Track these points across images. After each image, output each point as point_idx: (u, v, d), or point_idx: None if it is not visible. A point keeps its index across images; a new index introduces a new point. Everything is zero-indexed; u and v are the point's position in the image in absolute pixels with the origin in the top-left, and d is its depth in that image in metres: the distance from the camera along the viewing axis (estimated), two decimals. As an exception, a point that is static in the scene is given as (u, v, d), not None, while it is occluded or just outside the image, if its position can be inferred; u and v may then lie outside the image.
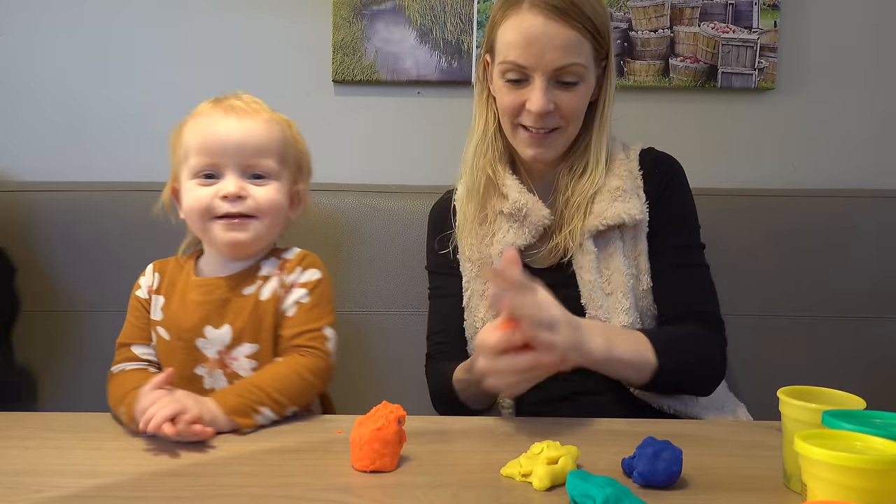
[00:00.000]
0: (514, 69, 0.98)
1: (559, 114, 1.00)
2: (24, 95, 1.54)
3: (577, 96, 1.00)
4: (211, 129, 0.94)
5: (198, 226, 0.96)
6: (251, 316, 0.95)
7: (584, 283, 1.02)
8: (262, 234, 0.97)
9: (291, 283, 0.98)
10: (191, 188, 0.95)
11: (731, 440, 0.83)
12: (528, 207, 1.05)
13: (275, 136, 0.98)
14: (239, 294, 0.96)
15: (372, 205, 1.40)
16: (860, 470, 0.56)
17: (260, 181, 0.95)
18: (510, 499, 0.66)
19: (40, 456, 0.77)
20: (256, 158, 0.95)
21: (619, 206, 1.02)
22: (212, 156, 0.93)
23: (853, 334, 1.35)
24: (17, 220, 1.38)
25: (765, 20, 1.49)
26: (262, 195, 0.95)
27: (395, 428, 0.73)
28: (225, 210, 0.93)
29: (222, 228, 0.94)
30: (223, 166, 0.93)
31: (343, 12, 1.50)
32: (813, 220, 1.39)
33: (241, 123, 0.95)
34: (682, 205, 1.08)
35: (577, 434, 0.85)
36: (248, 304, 0.96)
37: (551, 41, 0.95)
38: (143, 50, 1.53)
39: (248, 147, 0.94)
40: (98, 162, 1.54)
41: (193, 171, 0.95)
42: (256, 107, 0.99)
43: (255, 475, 0.71)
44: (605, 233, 1.03)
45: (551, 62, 0.96)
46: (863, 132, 1.54)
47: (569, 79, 0.98)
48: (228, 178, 0.93)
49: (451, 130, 1.54)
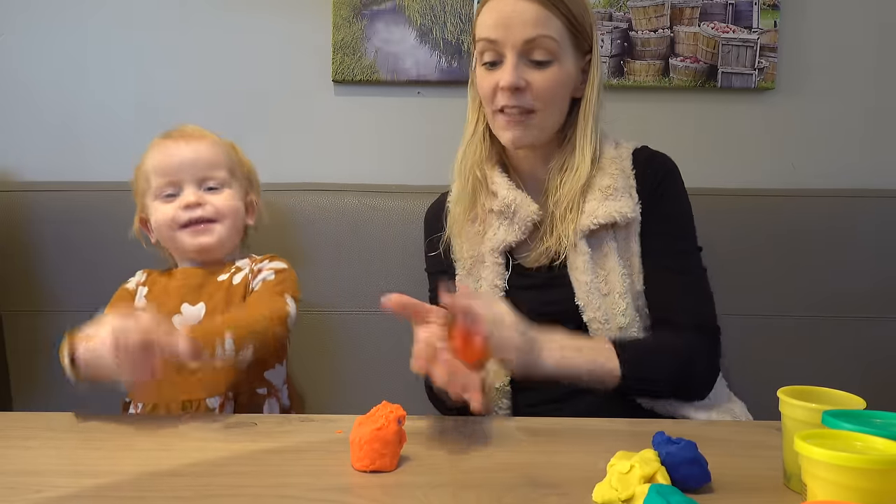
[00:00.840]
0: (487, 48, 1.02)
1: (531, 94, 1.01)
2: (21, 95, 1.54)
3: (549, 76, 1.01)
4: (166, 154, 1.07)
5: (167, 238, 1.08)
6: (224, 295, 1.06)
7: (579, 285, 1.01)
8: (225, 236, 1.08)
9: (259, 269, 1.09)
10: (157, 207, 1.07)
11: (732, 440, 0.83)
12: (517, 203, 1.05)
13: (222, 153, 1.10)
14: (213, 280, 1.08)
15: (372, 205, 1.40)
16: (860, 470, 0.56)
17: (215, 191, 1.08)
18: (511, 499, 0.66)
19: (40, 456, 0.77)
20: (209, 171, 1.07)
21: (611, 205, 1.02)
22: (170, 175, 1.06)
23: (853, 334, 1.35)
24: (14, 219, 1.38)
25: (765, 20, 1.50)
26: (219, 201, 1.07)
27: (395, 428, 0.73)
28: (188, 217, 1.05)
29: (189, 235, 1.06)
30: (181, 182, 1.06)
31: (343, 12, 1.50)
32: (813, 220, 1.39)
33: (190, 145, 1.08)
34: (676, 205, 1.06)
35: (578, 433, 0.85)
36: (221, 287, 1.07)
37: (521, 14, 0.99)
38: (142, 50, 1.54)
39: (199, 162, 1.07)
40: (95, 162, 1.54)
41: (156, 193, 1.07)
42: (202, 132, 1.12)
43: (254, 475, 0.71)
44: (598, 232, 1.03)
45: (520, 34, 0.99)
46: (863, 132, 1.54)
47: (539, 56, 1.00)
48: (187, 191, 1.06)
49: (451, 130, 1.53)
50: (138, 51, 1.53)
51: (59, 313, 1.36)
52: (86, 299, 1.35)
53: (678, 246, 1.05)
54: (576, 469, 0.72)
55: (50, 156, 1.54)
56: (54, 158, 1.54)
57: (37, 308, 1.37)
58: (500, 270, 1.07)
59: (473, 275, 1.09)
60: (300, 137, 1.56)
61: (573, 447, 0.81)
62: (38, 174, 1.52)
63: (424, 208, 1.27)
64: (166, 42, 1.53)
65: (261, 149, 1.55)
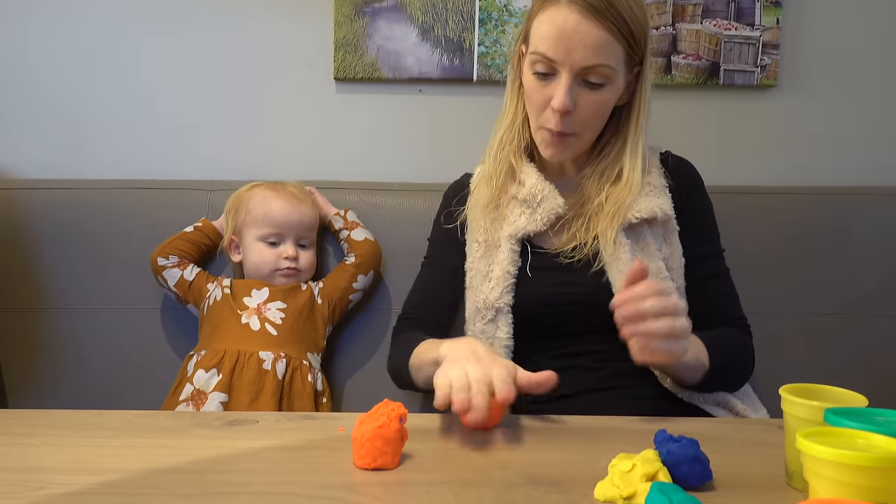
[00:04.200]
0: (542, 61, 0.99)
1: (578, 116, 1.00)
2: (20, 93, 1.54)
3: (599, 98, 1.00)
4: (278, 208, 1.29)
5: (259, 269, 1.30)
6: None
7: (623, 277, 0.96)
8: (304, 281, 1.33)
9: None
10: (260, 248, 1.30)
11: (733, 438, 0.83)
12: (545, 195, 1.06)
13: (315, 218, 1.34)
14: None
15: (374, 202, 1.41)
16: (862, 468, 0.56)
17: (305, 248, 1.33)
18: (512, 496, 0.66)
19: (43, 453, 0.77)
20: (305, 232, 1.32)
21: (653, 201, 1.04)
22: (277, 228, 1.29)
23: (855, 332, 1.35)
24: (12, 217, 1.38)
25: (767, 17, 1.49)
26: (307, 258, 1.32)
27: (396, 426, 0.73)
28: (286, 266, 1.29)
29: (281, 276, 1.30)
30: (284, 236, 1.30)
31: (345, 10, 1.50)
32: (815, 217, 1.39)
33: (296, 209, 1.31)
34: (709, 212, 1.12)
35: (580, 431, 0.85)
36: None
37: (583, 39, 0.95)
38: (142, 47, 1.53)
39: (303, 226, 1.31)
40: (93, 160, 1.55)
41: (260, 236, 1.30)
42: (304, 195, 1.34)
43: (256, 472, 0.71)
44: (636, 227, 1.04)
45: (580, 60, 0.96)
46: (865, 129, 1.54)
47: (595, 79, 0.98)
48: (288, 244, 1.30)
49: (453, 128, 1.54)
50: (139, 48, 1.53)
51: (54, 311, 1.36)
52: (82, 297, 1.37)
53: (714, 252, 1.10)
54: (578, 467, 0.72)
55: (48, 154, 1.55)
56: (55, 156, 1.55)
57: (32, 306, 1.36)
58: (514, 258, 1.07)
59: (487, 258, 1.09)
60: (302, 135, 1.56)
61: (575, 445, 0.81)
62: (39, 172, 1.52)
63: (427, 206, 1.27)
64: (167, 39, 1.53)
65: (262, 146, 1.56)
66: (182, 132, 1.56)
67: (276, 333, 1.23)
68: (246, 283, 1.30)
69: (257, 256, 1.30)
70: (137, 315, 1.36)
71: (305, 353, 1.26)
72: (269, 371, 1.19)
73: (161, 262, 1.30)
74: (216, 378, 1.18)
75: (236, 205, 1.33)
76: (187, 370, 1.21)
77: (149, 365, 1.34)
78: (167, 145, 1.56)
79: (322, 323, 1.30)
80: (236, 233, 1.32)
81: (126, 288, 1.36)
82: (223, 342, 1.22)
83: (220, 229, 1.36)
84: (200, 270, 1.33)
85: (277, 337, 1.23)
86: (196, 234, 1.34)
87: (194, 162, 1.55)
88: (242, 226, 1.31)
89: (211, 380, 1.17)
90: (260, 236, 1.29)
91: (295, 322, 1.26)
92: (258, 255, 1.30)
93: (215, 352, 1.20)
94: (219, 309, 1.26)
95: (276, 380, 1.18)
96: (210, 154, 1.56)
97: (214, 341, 1.23)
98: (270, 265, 1.29)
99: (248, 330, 1.23)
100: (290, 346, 1.24)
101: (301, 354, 1.25)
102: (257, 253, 1.30)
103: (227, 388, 1.17)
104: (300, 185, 1.36)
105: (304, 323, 1.27)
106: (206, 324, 1.27)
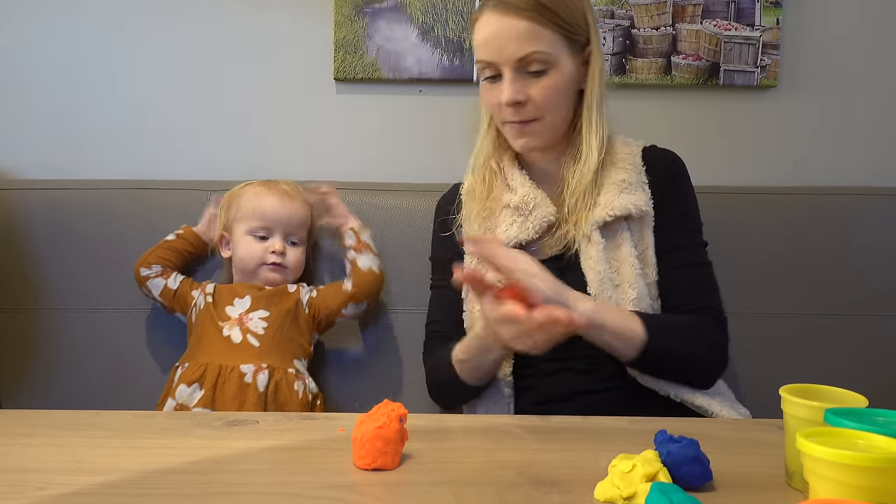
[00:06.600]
0: (485, 66, 1.04)
1: (532, 105, 1.03)
2: (17, 93, 1.53)
3: (547, 83, 1.02)
4: (268, 204, 1.29)
5: (246, 264, 1.29)
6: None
7: (592, 275, 1.02)
8: (290, 279, 1.32)
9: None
10: (248, 241, 1.29)
11: (733, 438, 0.83)
12: (537, 202, 1.07)
13: (306, 216, 1.34)
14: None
15: (374, 203, 1.40)
16: (862, 468, 0.56)
17: (295, 246, 1.32)
18: (512, 497, 0.66)
19: (43, 453, 0.77)
20: (295, 229, 1.31)
21: (626, 198, 1.04)
22: (266, 222, 1.29)
23: (855, 332, 1.35)
24: (8, 217, 1.37)
25: (767, 17, 1.49)
26: (295, 256, 1.31)
27: (396, 426, 0.73)
28: (273, 260, 1.28)
29: (267, 271, 1.29)
30: (273, 230, 1.29)
31: (345, 10, 1.50)
32: (815, 218, 1.39)
33: (286, 205, 1.30)
34: (687, 201, 1.11)
35: (580, 431, 0.85)
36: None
37: (507, 34, 1.00)
38: (140, 47, 1.53)
39: (292, 221, 1.30)
40: (90, 160, 1.54)
41: (249, 230, 1.29)
42: (297, 192, 1.33)
43: (256, 473, 0.71)
44: (612, 224, 1.05)
45: (511, 53, 1.00)
46: (865, 129, 1.54)
47: (535, 67, 1.01)
48: (276, 238, 1.29)
49: (453, 128, 1.54)
50: (137, 48, 1.53)
51: (50, 311, 1.36)
52: (78, 298, 1.36)
53: (690, 240, 1.09)
54: (578, 467, 0.72)
55: (43, 154, 1.54)
56: (48, 157, 1.54)
57: (28, 307, 1.36)
58: None
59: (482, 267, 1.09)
60: (301, 135, 1.56)
61: (575, 445, 0.81)
62: (32, 172, 1.51)
63: (427, 206, 1.27)
64: (166, 39, 1.53)
65: (262, 147, 1.56)
66: (181, 133, 1.55)
67: (258, 345, 1.21)
68: (230, 288, 1.29)
69: (244, 250, 1.29)
70: (133, 316, 1.36)
71: (291, 361, 1.23)
72: (250, 384, 1.17)
73: (144, 272, 1.29)
74: (199, 393, 1.16)
75: (229, 201, 1.33)
76: (173, 382, 1.20)
77: (143, 366, 1.34)
78: (166, 146, 1.56)
79: (308, 328, 1.28)
80: (227, 228, 1.32)
81: (122, 289, 1.35)
82: (205, 355, 1.20)
83: (202, 235, 1.35)
84: (184, 278, 1.31)
85: (259, 348, 1.21)
86: (178, 241, 1.33)
87: (193, 163, 1.55)
88: (233, 221, 1.31)
89: (193, 395, 1.16)
90: (249, 230, 1.29)
91: (279, 330, 1.24)
92: (245, 249, 1.29)
93: (198, 365, 1.19)
94: (202, 320, 1.25)
95: (257, 392, 1.16)
96: (209, 155, 1.56)
97: (198, 353, 1.21)
98: (257, 259, 1.28)
99: (230, 343, 1.21)
100: (272, 356, 1.21)
101: (286, 363, 1.22)
102: (245, 246, 1.29)
103: (210, 404, 1.15)
104: (294, 184, 1.35)
105: (289, 329, 1.25)
106: (192, 334, 1.26)
